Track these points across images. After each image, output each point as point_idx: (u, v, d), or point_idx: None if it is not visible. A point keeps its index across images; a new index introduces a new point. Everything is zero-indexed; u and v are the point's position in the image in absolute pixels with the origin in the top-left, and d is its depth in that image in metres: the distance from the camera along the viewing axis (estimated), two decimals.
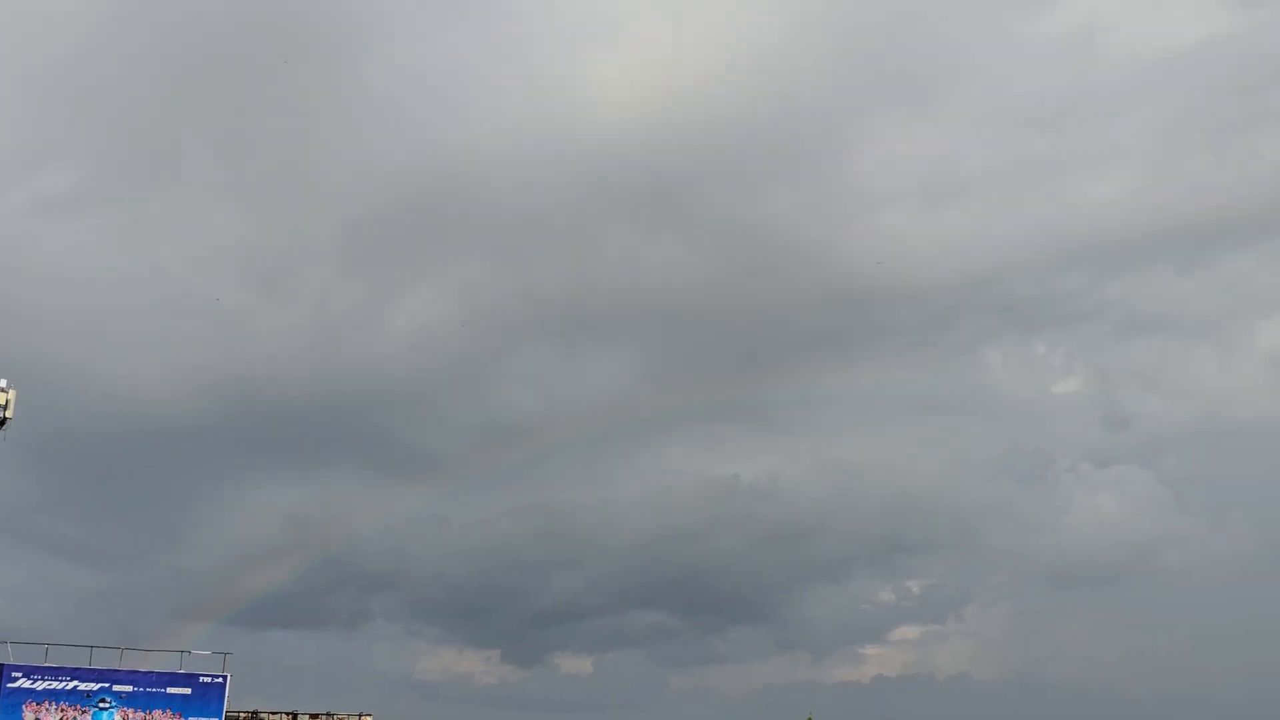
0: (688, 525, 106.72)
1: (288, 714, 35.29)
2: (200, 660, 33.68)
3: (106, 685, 31.51)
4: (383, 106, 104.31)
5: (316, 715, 35.69)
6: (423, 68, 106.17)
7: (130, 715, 31.42)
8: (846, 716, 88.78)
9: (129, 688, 31.85)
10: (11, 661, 30.42)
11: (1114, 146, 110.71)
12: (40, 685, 30.54)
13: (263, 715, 34.89)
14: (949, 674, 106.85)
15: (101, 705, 31.19)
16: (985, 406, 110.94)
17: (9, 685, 30.06)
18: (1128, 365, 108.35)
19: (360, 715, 36.26)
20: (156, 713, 31.86)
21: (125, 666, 32.19)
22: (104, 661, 31.96)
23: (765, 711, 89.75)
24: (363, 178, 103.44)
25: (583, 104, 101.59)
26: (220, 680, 33.13)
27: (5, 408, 26.28)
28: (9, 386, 26.67)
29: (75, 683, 31.07)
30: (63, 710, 30.44)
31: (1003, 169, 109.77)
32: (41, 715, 29.77)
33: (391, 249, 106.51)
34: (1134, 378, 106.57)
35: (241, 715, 34.32)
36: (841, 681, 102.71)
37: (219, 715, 32.75)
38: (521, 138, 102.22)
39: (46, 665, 30.92)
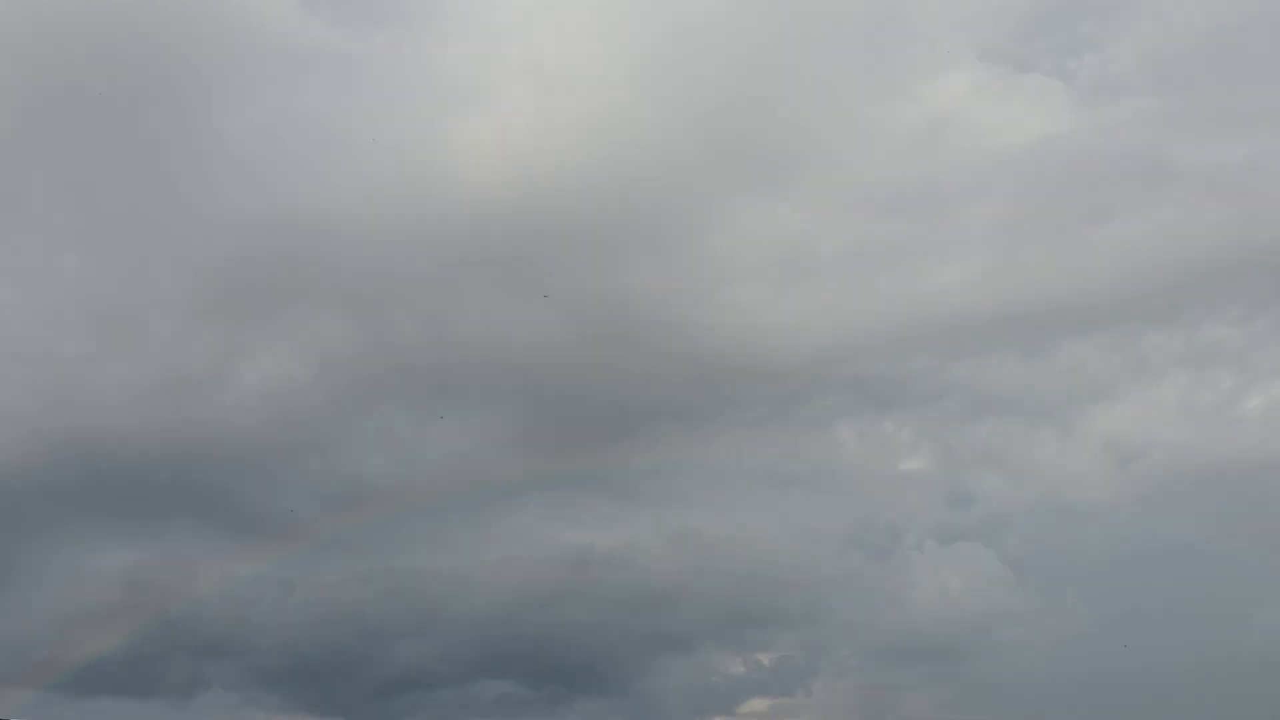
0: (540, 594, 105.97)
1: None
2: None
3: None
4: (242, 157, 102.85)
5: None
6: (286, 121, 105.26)
7: None
8: None
9: None
10: None
11: (961, 234, 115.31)
12: None
13: None
14: None
15: None
16: (836, 481, 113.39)
17: None
18: (972, 445, 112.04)
19: None
20: None
21: None
22: None
23: None
24: (218, 229, 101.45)
25: (447, 167, 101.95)
26: None
27: None
28: None
29: None
30: None
31: (856, 251, 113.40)
32: None
33: (246, 303, 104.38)
34: (978, 457, 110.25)
35: None
36: None
37: None
38: (385, 197, 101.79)
39: None
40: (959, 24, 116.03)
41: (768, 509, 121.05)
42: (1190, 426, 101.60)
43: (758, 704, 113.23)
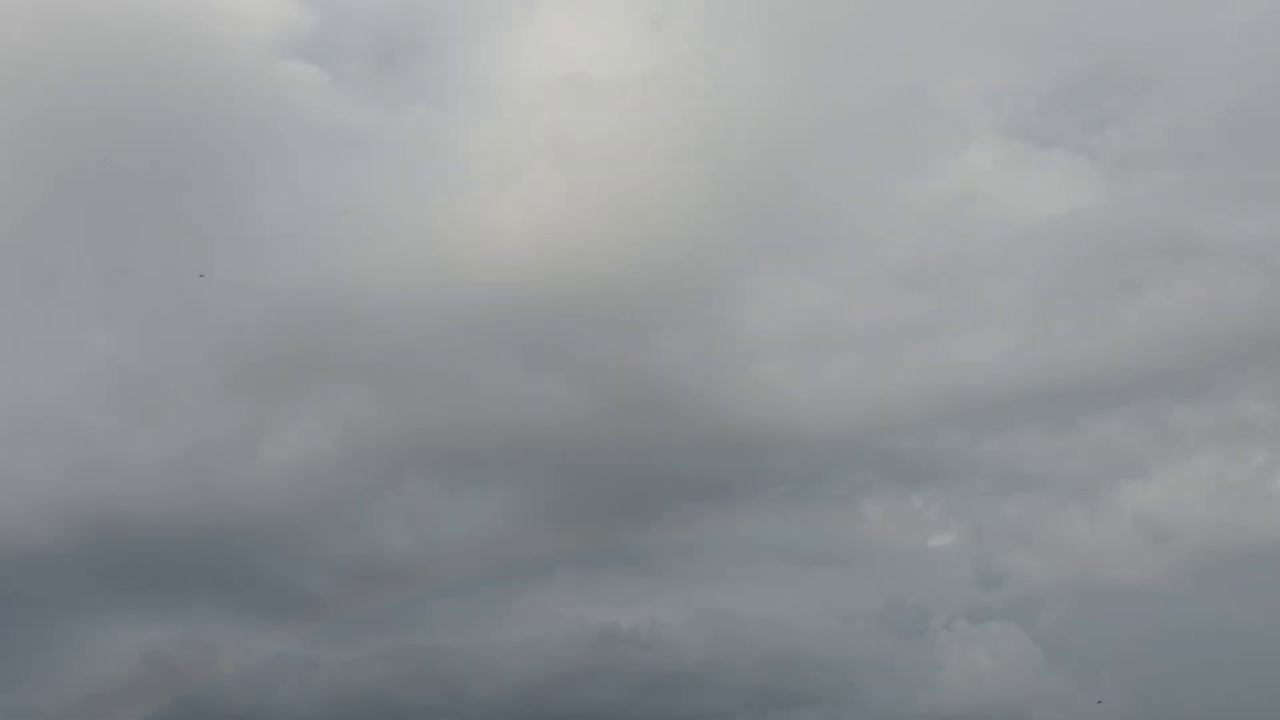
0: (565, 673, 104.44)
1: None
2: None
3: None
4: (270, 235, 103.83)
5: None
6: (315, 198, 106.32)
7: None
8: None
9: None
10: None
11: (987, 309, 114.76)
12: None
13: None
14: None
15: None
16: (864, 558, 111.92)
17: None
18: (1002, 522, 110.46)
19: None
20: None
21: None
22: None
23: None
24: (245, 305, 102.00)
25: (474, 244, 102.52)
26: None
27: None
28: None
29: None
30: None
31: (882, 326, 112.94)
32: None
33: (272, 379, 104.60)
34: (1008, 534, 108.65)
35: None
36: None
37: None
38: (411, 274, 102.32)
39: None
40: (982, 101, 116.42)
41: (795, 586, 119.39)
42: (1223, 504, 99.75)
43: None
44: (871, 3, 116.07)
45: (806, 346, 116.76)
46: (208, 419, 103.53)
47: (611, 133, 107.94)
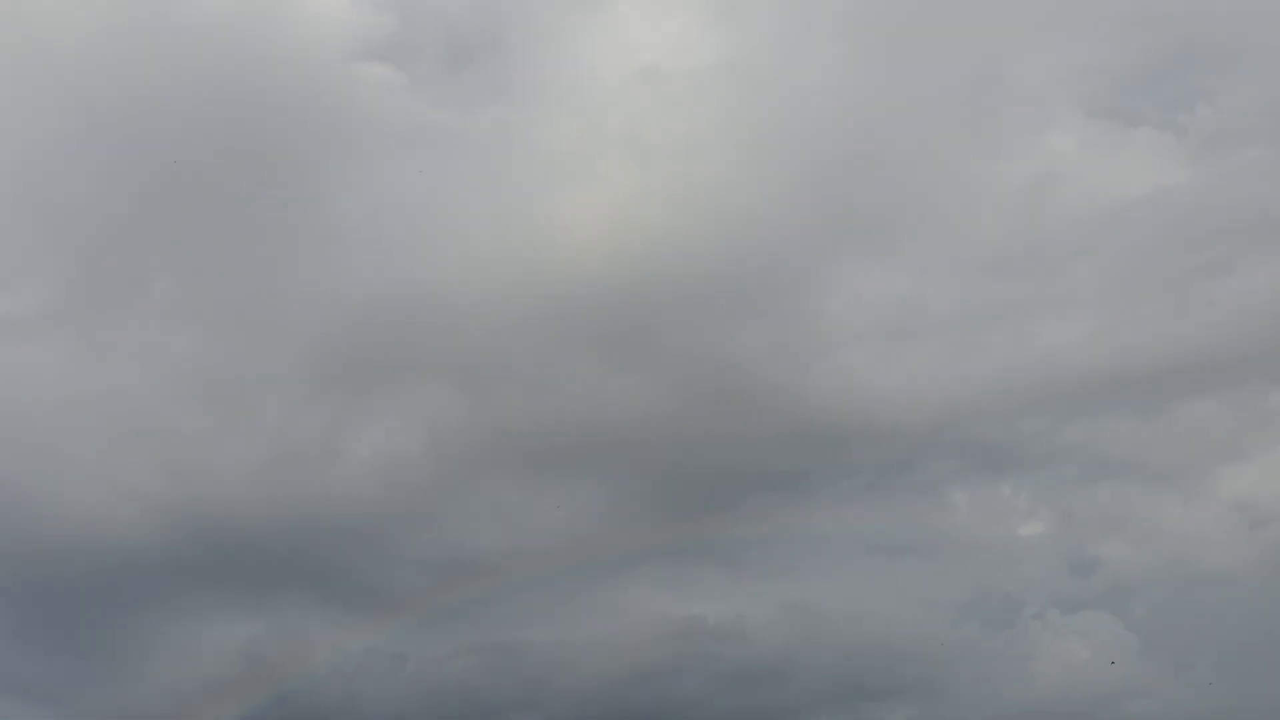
0: (649, 666, 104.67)
1: None
2: None
3: None
4: (351, 236, 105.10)
5: None
6: (391, 199, 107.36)
7: None
8: None
9: None
10: None
11: (1072, 292, 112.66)
12: None
13: None
14: None
15: None
16: (950, 549, 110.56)
17: None
18: (1093, 509, 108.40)
19: None
20: None
21: None
22: None
23: None
24: (329, 307, 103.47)
25: (551, 240, 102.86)
26: None
27: None
28: None
29: None
30: None
31: (964, 312, 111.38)
32: None
33: (356, 379, 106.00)
34: (1099, 522, 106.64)
35: None
36: None
37: None
38: (489, 272, 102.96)
39: None
40: (1063, 80, 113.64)
41: (880, 578, 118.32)
42: None
43: None
44: None
45: (887, 334, 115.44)
46: (294, 421, 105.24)
47: (686, 125, 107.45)
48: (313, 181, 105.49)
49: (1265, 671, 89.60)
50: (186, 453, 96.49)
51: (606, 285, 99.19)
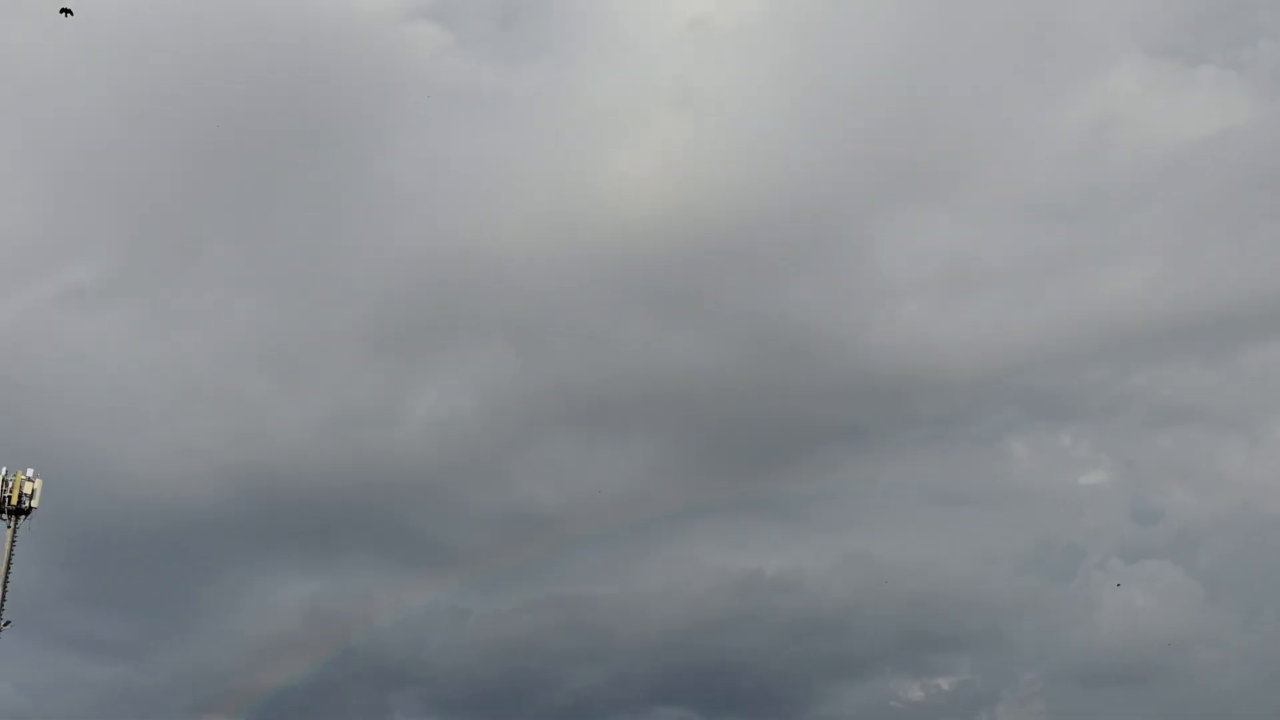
0: (710, 620, 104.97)
1: None
2: None
3: None
4: (404, 197, 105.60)
5: None
6: (444, 159, 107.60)
7: None
8: None
9: None
10: None
11: (1134, 237, 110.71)
12: None
13: None
14: None
15: None
16: (1011, 499, 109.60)
17: None
18: (1156, 457, 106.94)
19: None
20: None
21: None
22: None
23: None
24: (383, 268, 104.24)
25: (603, 196, 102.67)
26: None
27: (32, 497, 26.06)
28: (35, 476, 26.48)
29: None
30: None
31: (1023, 260, 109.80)
32: None
33: (412, 339, 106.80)
34: (1162, 470, 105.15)
35: None
36: None
37: None
38: (542, 229, 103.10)
39: None
40: (1123, 21, 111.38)
41: (940, 529, 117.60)
42: None
43: None
44: None
45: (945, 285, 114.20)
46: (352, 382, 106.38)
47: (737, 78, 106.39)
48: (364, 144, 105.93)
49: None
50: (248, 415, 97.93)
51: (659, 240, 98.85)
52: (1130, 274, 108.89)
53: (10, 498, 25.12)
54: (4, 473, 25.26)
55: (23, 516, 25.37)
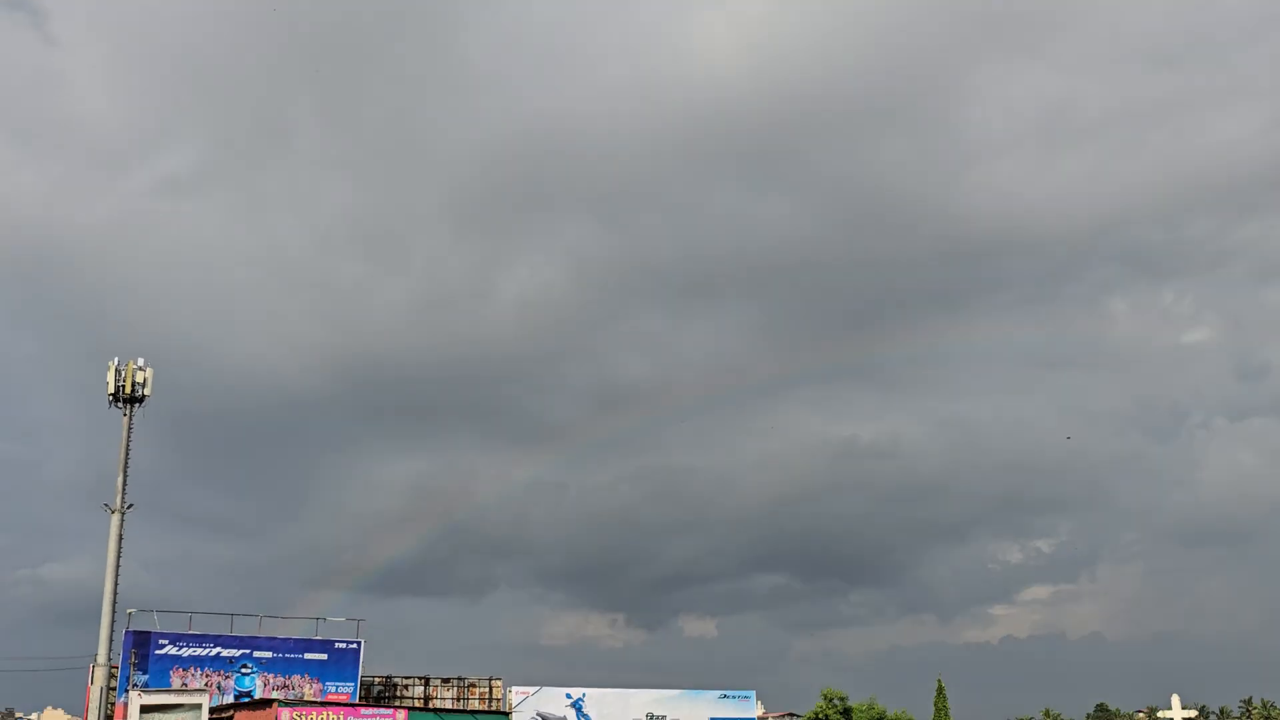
0: (807, 487, 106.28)
1: (420, 679, 35.93)
2: (335, 627, 34.50)
3: (247, 651, 32.44)
4: (486, 76, 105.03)
5: (448, 680, 36.28)
6: (524, 36, 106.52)
7: (270, 680, 32.30)
8: (976, 677, 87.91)
9: (268, 654, 32.75)
10: (158, 630, 31.45)
11: (1241, 81, 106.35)
12: (186, 652, 31.56)
13: (396, 680, 35.57)
14: (1081, 634, 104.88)
15: (244, 671, 32.13)
16: (1111, 359, 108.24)
17: (157, 652, 31.11)
18: (1262, 312, 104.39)
19: (490, 679, 36.79)
20: (295, 677, 32.72)
21: (264, 633, 33.08)
22: (244, 629, 32.92)
23: (891, 673, 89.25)
24: (469, 147, 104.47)
25: (685, 64, 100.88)
26: (355, 646, 33.89)
27: (144, 385, 26.93)
28: (146, 365, 27.31)
29: (218, 649, 32.04)
30: (207, 675, 31.39)
31: (1123, 110, 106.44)
32: (188, 680, 30.72)
33: (500, 217, 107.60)
34: (1269, 325, 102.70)
35: (376, 680, 35.04)
36: (969, 642, 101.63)
37: (354, 680, 33.51)
38: (625, 101, 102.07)
39: (191, 633, 31.91)
40: None
41: (1038, 391, 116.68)
42: None
43: (1039, 591, 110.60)
44: None
45: (1040, 139, 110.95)
46: (443, 262, 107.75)
47: None
48: (445, 25, 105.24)
49: None
50: (342, 299, 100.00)
51: (745, 107, 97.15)
52: (1237, 121, 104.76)
53: (125, 387, 25.97)
54: (116, 363, 26.12)
55: (137, 405, 26.27)
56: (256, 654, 32.70)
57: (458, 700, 35.82)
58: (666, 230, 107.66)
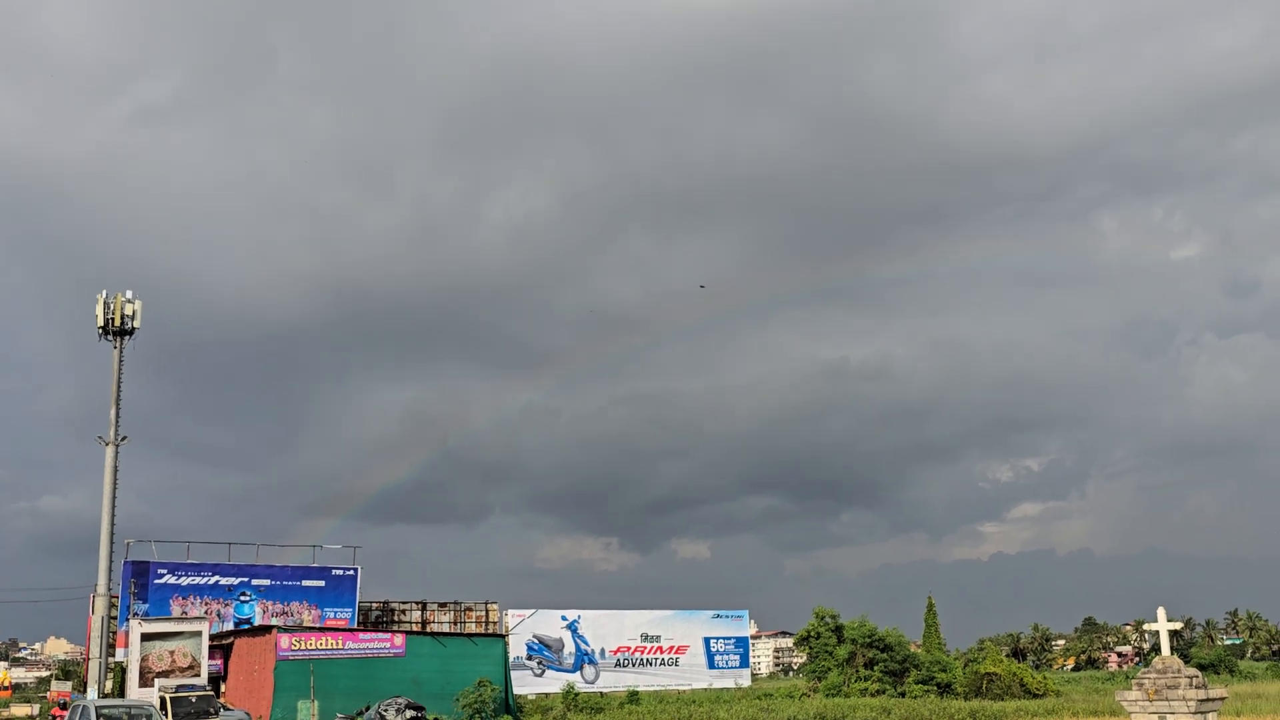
0: (797, 409, 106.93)
1: (417, 603, 36.43)
2: (332, 554, 34.95)
3: (246, 579, 32.84)
4: None
5: (445, 604, 36.78)
6: None
7: (269, 607, 32.71)
8: (966, 594, 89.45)
9: (266, 581, 33.15)
10: (156, 559, 31.76)
11: None
12: (185, 581, 31.94)
13: (393, 605, 36.06)
14: (1070, 550, 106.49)
15: (242, 598, 32.52)
16: (1101, 276, 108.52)
17: (156, 581, 31.46)
18: (1255, 227, 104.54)
19: (487, 604, 37.29)
20: (294, 605, 33.13)
21: (262, 561, 33.50)
22: (242, 557, 33.34)
23: (883, 591, 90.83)
24: (453, 70, 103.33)
25: None
26: (352, 573, 34.31)
27: (133, 318, 26.85)
28: (135, 297, 27.21)
29: (217, 578, 32.43)
30: (206, 603, 31.77)
31: (1113, 21, 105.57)
32: (188, 609, 31.08)
33: (485, 141, 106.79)
34: (1261, 240, 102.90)
35: (373, 606, 35.51)
36: (959, 560, 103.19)
37: (352, 606, 33.96)
38: (609, 21, 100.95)
39: (189, 562, 32.28)
40: None
41: (1027, 310, 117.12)
42: None
43: (1028, 509, 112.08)
44: None
45: (1029, 53, 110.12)
46: (430, 187, 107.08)
47: None
48: None
49: None
50: (330, 226, 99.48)
51: (731, 24, 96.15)
52: (1231, 31, 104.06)
53: (114, 319, 25.83)
54: (104, 295, 25.95)
55: (126, 337, 26.12)
56: (255, 582, 33.10)
57: (455, 624, 36.39)
58: (653, 152, 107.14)
